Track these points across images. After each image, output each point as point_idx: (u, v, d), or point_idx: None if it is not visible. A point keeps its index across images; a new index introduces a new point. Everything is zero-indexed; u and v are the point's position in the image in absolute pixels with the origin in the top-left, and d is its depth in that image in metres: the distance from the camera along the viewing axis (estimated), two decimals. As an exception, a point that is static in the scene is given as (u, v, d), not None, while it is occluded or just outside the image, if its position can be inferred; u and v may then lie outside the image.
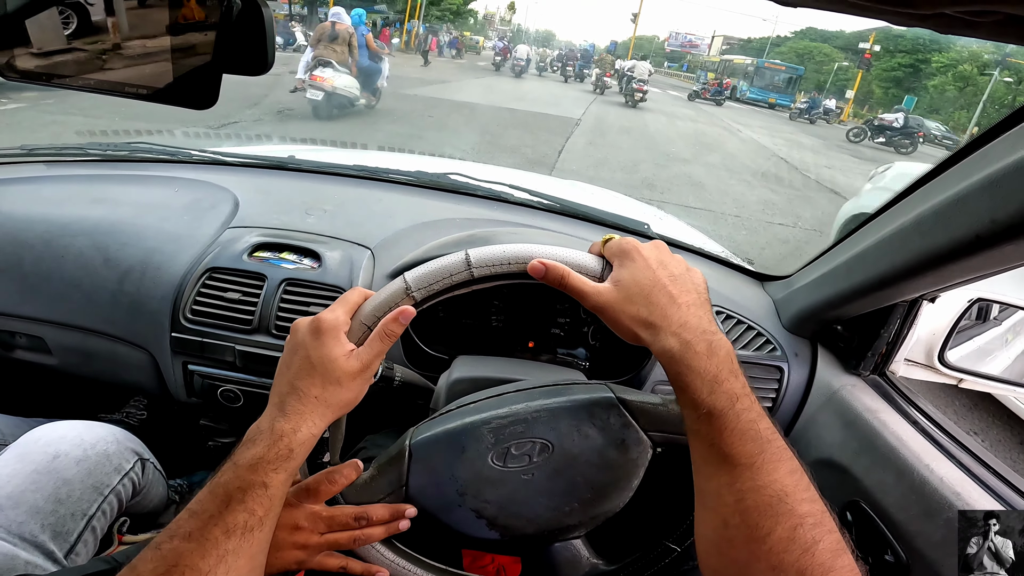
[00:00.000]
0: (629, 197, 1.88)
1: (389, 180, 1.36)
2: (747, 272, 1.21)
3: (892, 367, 0.95)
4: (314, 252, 1.03)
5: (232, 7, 0.44)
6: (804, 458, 0.93)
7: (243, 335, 0.97)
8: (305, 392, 0.54)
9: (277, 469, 0.51)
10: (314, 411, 0.54)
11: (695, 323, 0.52)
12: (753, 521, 0.46)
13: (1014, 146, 0.54)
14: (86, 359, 1.08)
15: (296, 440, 0.52)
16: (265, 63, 0.47)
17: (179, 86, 0.48)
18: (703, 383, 0.50)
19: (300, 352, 0.55)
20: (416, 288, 0.58)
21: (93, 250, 1.04)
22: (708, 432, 0.50)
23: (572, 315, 1.07)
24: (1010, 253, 0.58)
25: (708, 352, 0.51)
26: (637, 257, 0.55)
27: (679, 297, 0.54)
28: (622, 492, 0.64)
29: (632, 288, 0.54)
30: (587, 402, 0.63)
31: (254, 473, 0.50)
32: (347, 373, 0.55)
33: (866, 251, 0.80)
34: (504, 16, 75.33)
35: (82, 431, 0.85)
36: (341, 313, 0.57)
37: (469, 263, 0.57)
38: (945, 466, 0.73)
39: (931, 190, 0.68)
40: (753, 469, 0.48)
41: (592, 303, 0.55)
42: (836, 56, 47.68)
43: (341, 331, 0.56)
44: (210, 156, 1.37)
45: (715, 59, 43.86)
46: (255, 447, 0.51)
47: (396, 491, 0.64)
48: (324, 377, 0.54)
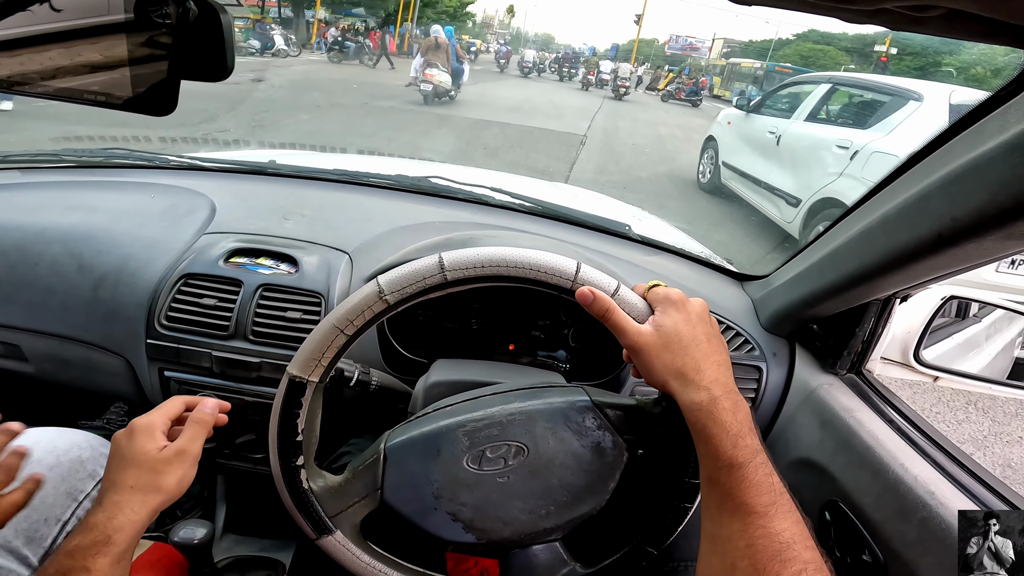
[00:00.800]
0: (610, 197, 1.88)
1: (369, 184, 1.35)
2: (727, 272, 1.21)
3: (869, 365, 0.96)
4: (291, 257, 1.02)
5: (188, 13, 0.43)
6: (783, 458, 0.95)
7: (220, 341, 0.96)
8: (120, 484, 0.60)
9: (98, 554, 0.56)
10: (131, 499, 0.60)
11: (724, 381, 0.57)
12: (762, 565, 0.49)
13: (971, 145, 0.55)
14: (63, 366, 1.07)
15: (112, 526, 0.58)
16: (224, 69, 0.46)
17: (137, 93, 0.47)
18: (727, 437, 0.54)
19: (117, 453, 0.63)
20: (389, 292, 0.58)
21: (67, 257, 1.03)
22: (727, 482, 0.53)
23: (552, 317, 1.07)
24: (972, 251, 0.59)
25: (733, 409, 0.55)
26: (682, 310, 0.59)
27: (712, 355, 0.57)
28: (598, 495, 0.65)
29: (672, 337, 0.57)
30: (563, 405, 0.64)
31: (71, 559, 0.55)
32: (161, 461, 0.62)
33: (837, 250, 0.81)
34: (503, 19, 75.11)
35: (54, 437, 0.85)
36: (156, 415, 0.66)
37: (443, 266, 0.58)
38: (920, 465, 0.74)
39: (895, 189, 0.68)
40: (766, 518, 0.51)
41: (630, 341, 0.58)
42: (842, 59, 45.47)
43: (156, 429, 0.64)
44: (187, 162, 1.36)
45: (720, 62, 41.61)
46: (74, 537, 0.57)
47: (371, 494, 0.64)
48: (139, 468, 0.61)
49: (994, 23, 0.34)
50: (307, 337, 0.60)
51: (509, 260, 0.58)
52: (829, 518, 0.81)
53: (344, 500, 0.64)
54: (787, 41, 56.44)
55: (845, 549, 0.78)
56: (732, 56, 52.30)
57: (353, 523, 0.65)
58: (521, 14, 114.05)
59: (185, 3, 0.43)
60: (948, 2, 0.30)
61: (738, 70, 33.29)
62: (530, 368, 0.97)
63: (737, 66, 34.39)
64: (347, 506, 0.64)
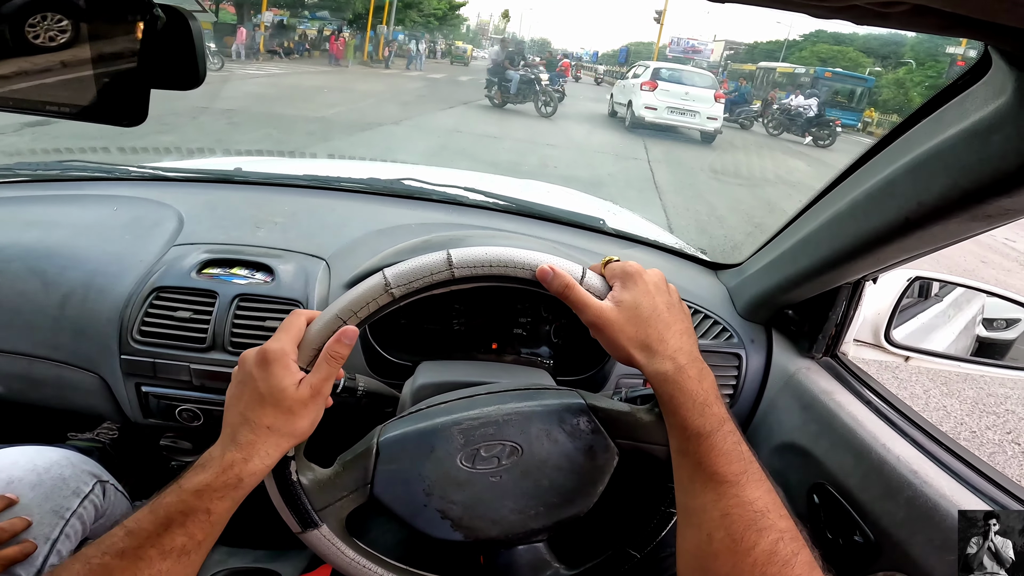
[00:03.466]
0: (584, 193, 1.90)
1: (341, 189, 1.34)
2: (701, 262, 1.23)
3: (843, 348, 0.99)
4: (266, 266, 1.01)
5: (156, 20, 0.42)
6: (768, 443, 0.97)
7: (197, 353, 0.94)
8: (256, 423, 0.54)
9: (223, 497, 0.52)
10: (267, 441, 0.54)
11: (688, 349, 0.57)
12: (738, 535, 0.49)
13: (932, 132, 0.57)
14: (33, 385, 1.04)
15: (246, 470, 0.53)
16: (196, 77, 0.45)
17: (105, 103, 0.46)
18: (694, 405, 0.54)
19: (249, 384, 0.56)
20: (396, 285, 0.58)
21: (30, 275, 0.99)
22: (696, 451, 0.53)
23: (533, 314, 1.07)
24: (938, 233, 0.61)
25: (699, 377, 0.55)
26: (640, 282, 0.58)
27: (674, 325, 0.57)
28: (587, 497, 0.66)
29: (632, 310, 0.57)
30: (558, 407, 0.65)
31: (199, 499, 0.51)
32: (298, 401, 0.55)
33: (808, 237, 0.83)
34: (498, 24, 73.96)
35: (33, 456, 0.83)
36: (287, 341, 0.57)
37: (451, 263, 0.58)
38: (900, 445, 0.76)
39: (862, 176, 0.71)
40: (738, 487, 0.51)
41: (590, 317, 0.58)
42: (863, 60, 36.67)
43: (288, 359, 0.56)
44: (149, 172, 1.33)
45: (748, 67, 33.15)
46: (203, 473, 0.52)
47: (360, 488, 0.63)
48: (276, 407, 0.54)
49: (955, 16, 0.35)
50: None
51: (518, 261, 0.59)
52: (818, 500, 0.83)
53: (332, 494, 0.63)
54: (795, 42, 47.99)
55: (836, 531, 0.80)
56: (735, 59, 48.39)
57: (339, 517, 0.64)
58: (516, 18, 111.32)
59: (152, 10, 0.42)
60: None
61: (772, 77, 27.05)
62: (515, 366, 0.97)
63: (771, 72, 27.94)
64: (335, 499, 0.63)
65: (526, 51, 18.96)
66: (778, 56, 41.50)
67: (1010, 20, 0.35)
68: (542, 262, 0.59)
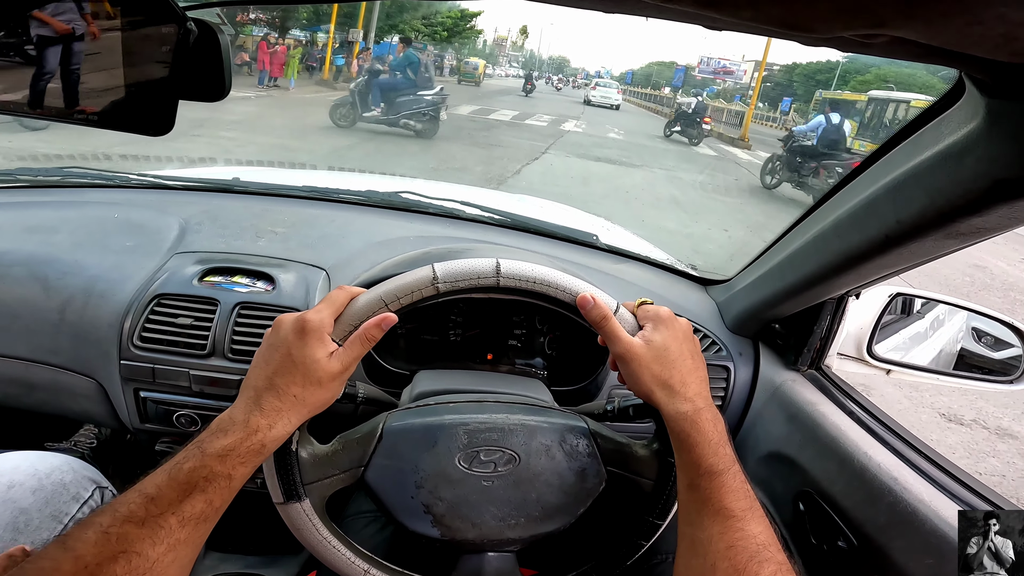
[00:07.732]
0: (577, 209, 1.93)
1: (340, 200, 1.36)
2: (691, 277, 1.27)
3: (827, 361, 1.02)
4: (267, 275, 1.02)
5: (189, 34, 0.45)
6: (755, 452, 1.00)
7: (197, 360, 0.95)
8: (284, 390, 0.54)
9: (245, 463, 0.52)
10: (291, 409, 0.55)
11: (705, 395, 0.62)
12: (741, 565, 0.53)
13: (910, 154, 0.61)
14: (28, 389, 1.04)
15: (270, 436, 0.53)
16: (223, 89, 0.48)
17: (133, 112, 0.48)
18: (709, 445, 0.58)
19: (282, 349, 0.56)
20: (443, 280, 0.60)
21: (31, 280, 1.00)
22: (708, 488, 0.57)
23: (528, 326, 1.09)
24: (916, 250, 0.65)
25: (714, 420, 0.60)
26: (671, 327, 0.63)
27: (696, 371, 0.62)
28: (567, 517, 0.68)
29: (661, 351, 0.61)
30: (563, 427, 0.68)
31: (222, 464, 0.50)
32: (328, 374, 0.56)
33: (794, 254, 0.87)
34: (516, 40, 72.23)
35: (35, 461, 0.83)
36: (327, 314, 0.58)
37: (499, 271, 0.61)
38: (881, 453, 0.79)
39: (845, 195, 0.75)
40: (744, 521, 0.55)
41: (620, 350, 0.62)
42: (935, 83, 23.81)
43: (325, 332, 0.57)
44: (150, 180, 1.34)
45: (859, 97, 20.02)
46: (227, 437, 0.51)
47: (353, 470, 0.64)
48: (305, 377, 0.55)
49: (930, 47, 0.39)
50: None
51: (562, 284, 0.62)
52: (803, 508, 0.86)
53: (325, 470, 0.63)
54: (838, 63, 40.09)
55: (820, 537, 0.82)
56: (769, 79, 45.35)
57: (323, 495, 0.64)
58: (535, 34, 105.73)
59: (186, 24, 0.44)
60: (893, 31, 0.34)
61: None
62: (511, 376, 0.99)
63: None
64: (325, 476, 0.63)
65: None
66: (826, 80, 38.22)
67: (979, 51, 0.38)
68: (583, 290, 0.62)
